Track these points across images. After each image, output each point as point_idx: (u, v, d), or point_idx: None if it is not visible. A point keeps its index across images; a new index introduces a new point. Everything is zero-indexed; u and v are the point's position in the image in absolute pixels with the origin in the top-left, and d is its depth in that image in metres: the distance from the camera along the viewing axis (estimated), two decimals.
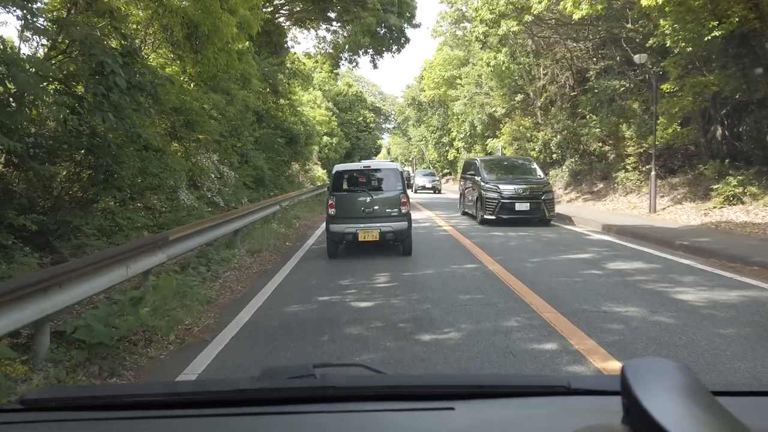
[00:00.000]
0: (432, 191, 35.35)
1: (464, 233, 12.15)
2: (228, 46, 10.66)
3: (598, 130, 17.90)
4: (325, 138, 47.43)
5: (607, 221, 13.00)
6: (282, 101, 24.07)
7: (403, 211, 8.96)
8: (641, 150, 16.78)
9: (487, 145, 32.66)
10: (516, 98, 24.57)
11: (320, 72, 50.25)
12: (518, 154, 27.87)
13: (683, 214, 13.51)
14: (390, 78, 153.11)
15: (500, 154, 29.80)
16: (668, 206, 14.76)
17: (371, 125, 62.89)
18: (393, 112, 69.71)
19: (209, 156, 11.70)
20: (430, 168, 52.26)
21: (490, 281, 7.03)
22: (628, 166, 17.28)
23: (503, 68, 22.55)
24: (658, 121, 14.92)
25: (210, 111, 11.16)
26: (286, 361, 4.26)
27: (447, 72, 36.50)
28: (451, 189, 40.93)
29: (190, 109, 9.64)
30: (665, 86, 13.21)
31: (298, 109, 25.36)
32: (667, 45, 11.99)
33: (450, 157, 48.62)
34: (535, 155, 24.37)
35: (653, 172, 14.48)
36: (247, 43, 14.01)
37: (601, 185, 19.90)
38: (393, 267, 8.22)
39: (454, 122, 38.66)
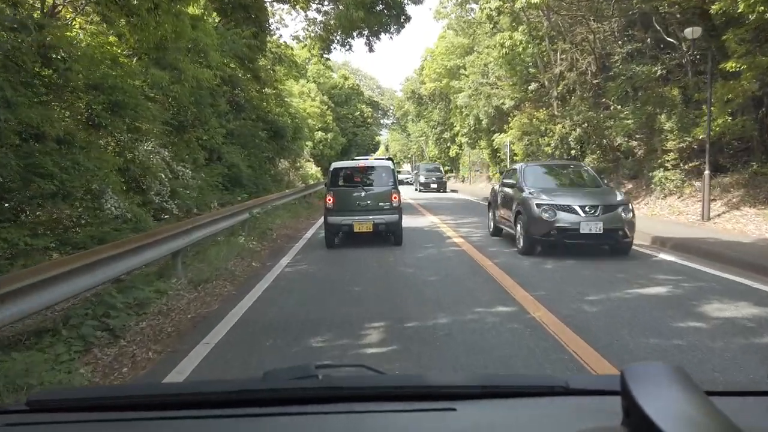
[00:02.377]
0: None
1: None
2: (175, 6, 8.08)
3: (630, 121, 15.35)
4: (320, 133, 44.77)
5: (656, 232, 10.47)
6: (267, 90, 21.49)
7: (395, 204, 9.63)
8: (683, 144, 14.23)
9: (493, 140, 30.09)
10: (529, 87, 21.98)
11: (314, 63, 47.54)
12: (529, 150, 25.40)
13: (748, 223, 10.97)
14: (388, 72, 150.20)
15: (508, 151, 27.33)
16: (723, 212, 12.22)
17: (369, 120, 60.16)
18: (391, 107, 66.97)
19: (157, 151, 9.13)
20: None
21: (540, 344, 4.48)
22: (667, 164, 14.73)
23: (520, 49, 19.99)
24: (705, 112, 12.37)
25: (148, 90, 8.51)
26: None
27: (450, 61, 33.75)
28: (454, 187, 38.36)
29: (115, 87, 7.02)
30: (729, 64, 10.65)
31: (286, 99, 22.74)
32: (740, 11, 9.45)
33: (452, 153, 46.02)
34: (549, 151, 21.87)
35: (707, 171, 11.94)
36: (215, 14, 11.46)
37: (630, 185, 17.36)
38: (391, 310, 5.67)
39: (456, 116, 36.01)
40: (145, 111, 7.87)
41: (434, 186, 27.99)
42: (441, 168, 33.21)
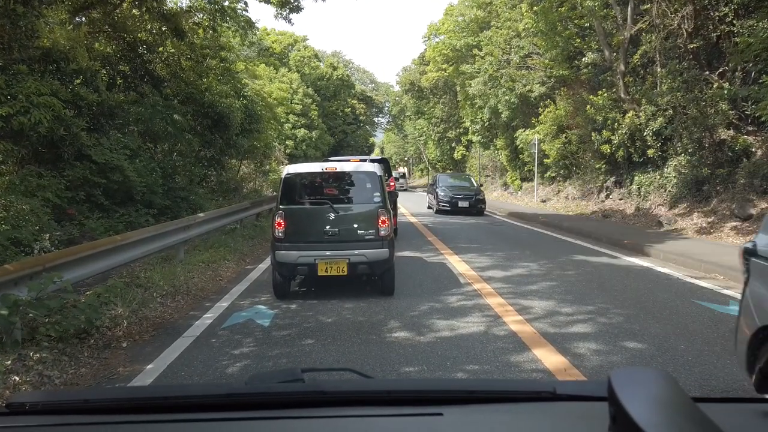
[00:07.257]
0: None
1: None
2: None
3: None
4: (302, 131, 38.38)
5: None
6: (212, 63, 15.12)
7: (383, 233, 6.54)
8: None
9: (516, 137, 23.77)
10: (583, 60, 15.64)
11: (296, 49, 40.89)
12: (567, 150, 19.13)
13: None
14: (386, 67, 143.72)
15: (536, 151, 21.05)
16: None
17: (361, 118, 53.73)
18: (387, 104, 60.49)
19: None
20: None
21: None
22: None
23: (564, 9, 13.74)
24: None
25: None
26: None
27: (460, 40, 27.39)
28: None
29: None
30: None
31: (238, 75, 16.37)
32: None
33: (456, 155, 39.67)
34: (608, 150, 15.56)
35: None
36: None
37: (764, 204, 11.07)
38: None
39: (466, 109, 29.66)
40: None
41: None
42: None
